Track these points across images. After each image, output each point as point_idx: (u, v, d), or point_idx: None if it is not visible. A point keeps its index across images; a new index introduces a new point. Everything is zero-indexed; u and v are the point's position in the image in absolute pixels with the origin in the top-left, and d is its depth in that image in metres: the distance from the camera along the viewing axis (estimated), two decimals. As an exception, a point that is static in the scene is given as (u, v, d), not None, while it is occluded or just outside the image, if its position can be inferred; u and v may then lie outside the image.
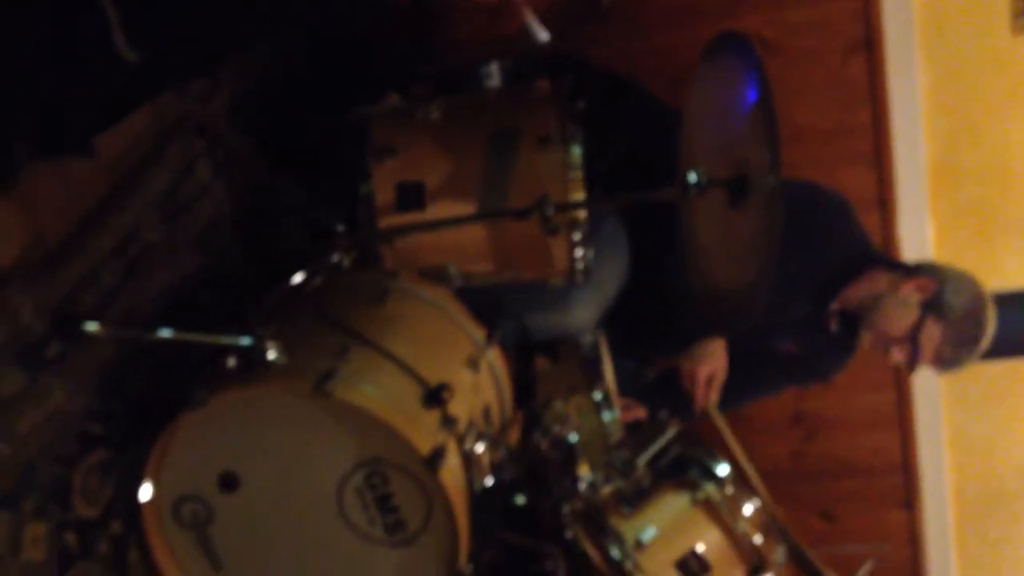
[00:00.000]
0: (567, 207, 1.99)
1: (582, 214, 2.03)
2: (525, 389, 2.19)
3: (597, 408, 2.12)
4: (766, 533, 1.92)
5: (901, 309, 2.41)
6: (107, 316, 1.77)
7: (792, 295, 2.44)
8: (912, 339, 2.40)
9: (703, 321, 2.46)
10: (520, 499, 2.34)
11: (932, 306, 2.40)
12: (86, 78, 1.63)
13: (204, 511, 1.81)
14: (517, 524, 2.56)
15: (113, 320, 1.78)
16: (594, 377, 2.18)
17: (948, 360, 2.43)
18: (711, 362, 2.48)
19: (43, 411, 1.63)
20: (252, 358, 1.74)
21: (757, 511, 1.92)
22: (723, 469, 1.93)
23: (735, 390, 2.57)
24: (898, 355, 2.43)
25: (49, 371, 1.65)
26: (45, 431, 1.64)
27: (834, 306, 2.46)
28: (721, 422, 2.22)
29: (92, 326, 1.70)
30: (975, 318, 2.41)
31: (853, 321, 2.49)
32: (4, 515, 1.56)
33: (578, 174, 2.03)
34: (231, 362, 1.77)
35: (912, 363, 2.43)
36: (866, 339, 2.45)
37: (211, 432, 1.75)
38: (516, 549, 2.66)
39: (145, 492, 1.77)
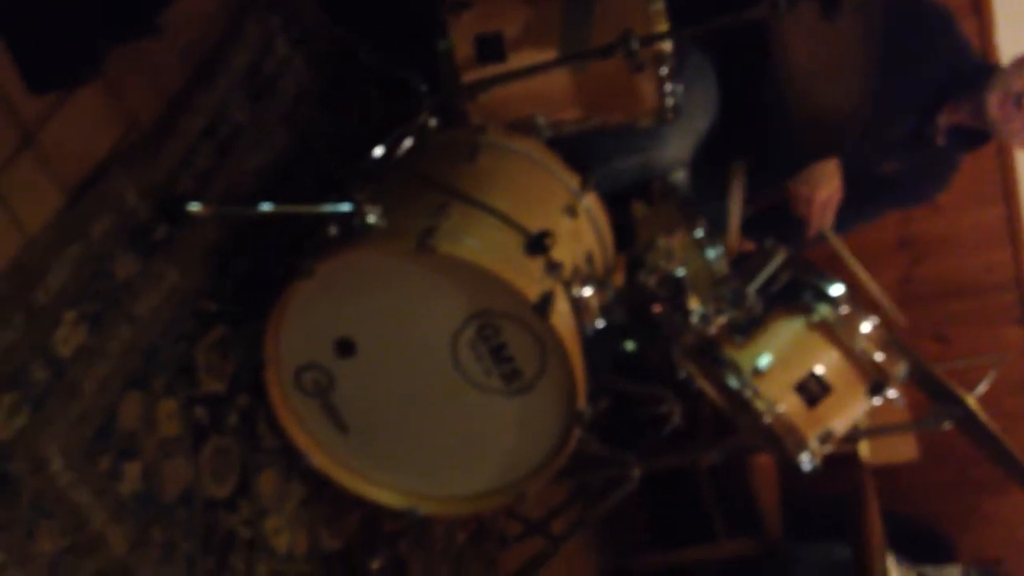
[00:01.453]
0: (651, 40, 1.93)
1: (667, 47, 1.97)
2: (624, 235, 2.17)
3: (699, 246, 2.09)
4: (886, 350, 1.89)
5: (1020, 66, 2.31)
6: (207, 196, 1.79)
7: (895, 111, 2.36)
8: None
9: (803, 147, 2.39)
10: (629, 345, 2.35)
11: None
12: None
13: (324, 378, 1.85)
14: (628, 372, 2.58)
15: (214, 200, 1.80)
16: (693, 215, 2.15)
17: None
18: (828, 184, 2.41)
19: (159, 293, 1.67)
20: (353, 224, 1.75)
21: (876, 328, 1.88)
22: (837, 289, 1.89)
23: (838, 215, 2.51)
24: None
25: (160, 253, 1.68)
26: (164, 312, 1.67)
27: (942, 119, 2.37)
28: (840, 245, 2.16)
29: (195, 206, 1.72)
30: None
31: (960, 134, 2.41)
32: (136, 395, 1.61)
33: (659, 5, 1.97)
34: (333, 230, 1.79)
35: None
36: (992, 103, 2.34)
37: (322, 300, 1.78)
38: (628, 397, 2.68)
39: (266, 365, 1.82)
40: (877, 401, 1.92)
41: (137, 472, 1.58)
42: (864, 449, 2.99)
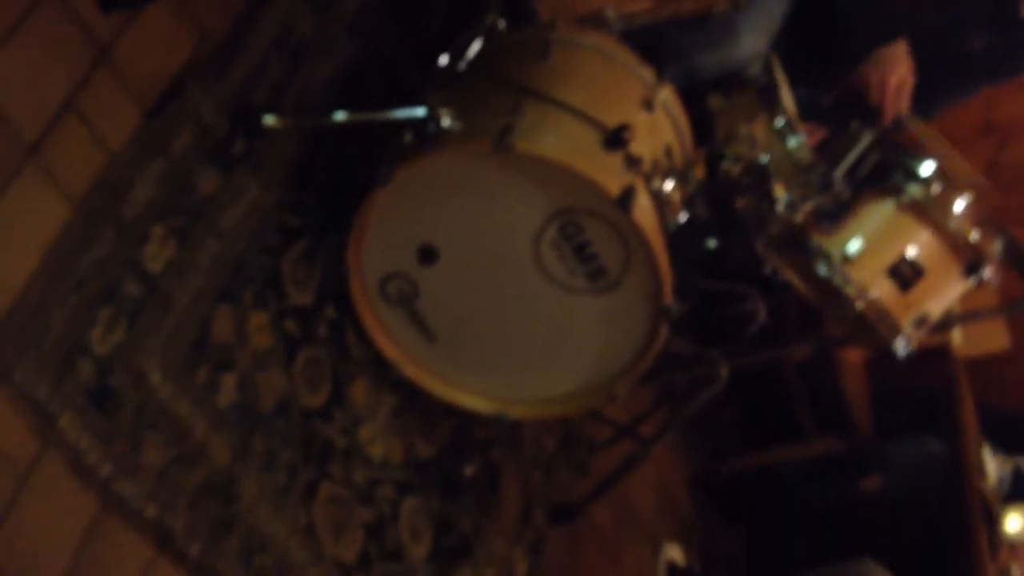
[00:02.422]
0: (723, -80, 1.87)
1: (740, -74, 1.91)
2: (701, 129, 2.12)
3: (781, 135, 2.03)
4: (982, 228, 1.83)
5: None
6: (281, 109, 1.78)
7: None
8: None
9: (881, 26, 2.31)
10: (711, 243, 2.31)
11: None
12: None
13: (409, 286, 1.85)
14: (711, 271, 2.54)
15: (288, 112, 1.79)
16: (772, 104, 2.08)
17: None
18: (899, 67, 2.33)
19: (242, 206, 1.68)
20: (428, 129, 1.73)
21: (970, 206, 1.82)
22: (927, 167, 1.83)
23: (920, 98, 2.43)
24: None
25: (240, 168, 1.69)
26: (248, 225, 1.68)
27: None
28: (922, 128, 2.09)
29: (271, 119, 1.71)
30: None
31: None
32: (226, 308, 1.62)
33: None
34: (408, 136, 1.77)
35: None
36: None
37: (402, 207, 1.77)
38: (712, 296, 2.65)
39: (350, 276, 1.82)
40: (973, 281, 1.87)
41: (233, 384, 1.60)
42: (956, 339, 2.94)
